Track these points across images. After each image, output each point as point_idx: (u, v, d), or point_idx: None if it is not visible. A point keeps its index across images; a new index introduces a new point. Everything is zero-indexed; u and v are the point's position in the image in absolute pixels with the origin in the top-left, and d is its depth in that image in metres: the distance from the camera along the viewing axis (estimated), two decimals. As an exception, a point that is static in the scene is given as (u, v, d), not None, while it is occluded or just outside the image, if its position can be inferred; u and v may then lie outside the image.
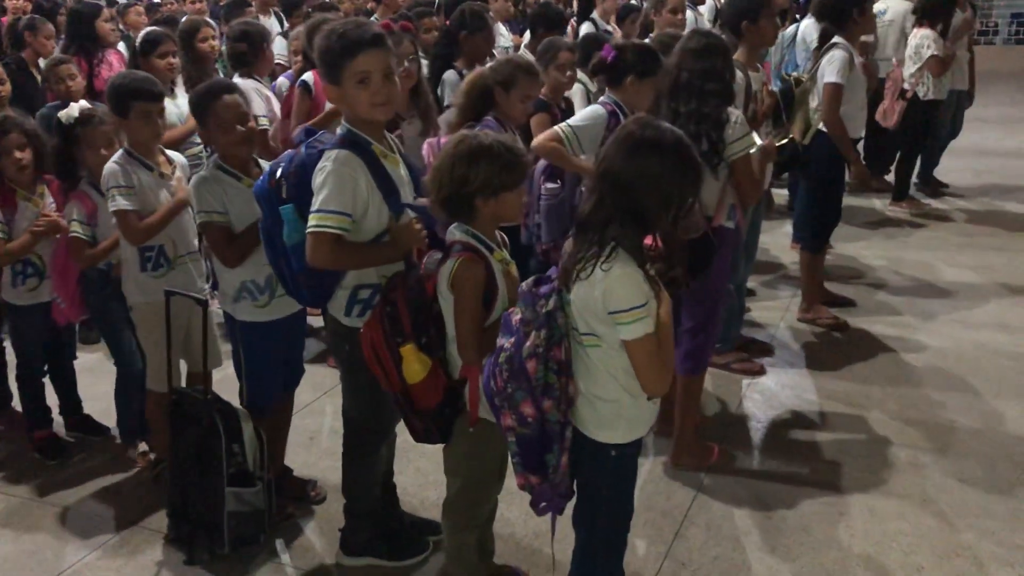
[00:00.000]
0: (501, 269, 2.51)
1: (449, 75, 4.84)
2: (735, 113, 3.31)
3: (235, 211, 3.01)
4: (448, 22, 5.14)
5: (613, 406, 2.30)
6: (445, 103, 4.77)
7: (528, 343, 2.18)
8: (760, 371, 4.42)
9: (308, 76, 4.43)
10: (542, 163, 3.87)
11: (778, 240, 6.32)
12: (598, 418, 2.31)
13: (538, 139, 3.67)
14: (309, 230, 2.49)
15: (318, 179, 2.50)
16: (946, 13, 6.44)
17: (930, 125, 6.89)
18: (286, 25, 7.35)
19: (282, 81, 4.89)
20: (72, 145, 3.49)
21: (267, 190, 2.64)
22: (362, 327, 2.54)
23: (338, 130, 2.64)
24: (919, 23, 6.56)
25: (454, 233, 2.51)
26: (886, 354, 4.60)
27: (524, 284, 2.30)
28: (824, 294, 5.17)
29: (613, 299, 2.15)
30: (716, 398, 4.18)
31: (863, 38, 5.35)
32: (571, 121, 3.67)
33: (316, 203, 2.48)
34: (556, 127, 3.65)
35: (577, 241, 2.25)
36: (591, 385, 2.29)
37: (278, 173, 2.62)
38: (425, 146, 4.13)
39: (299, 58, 4.96)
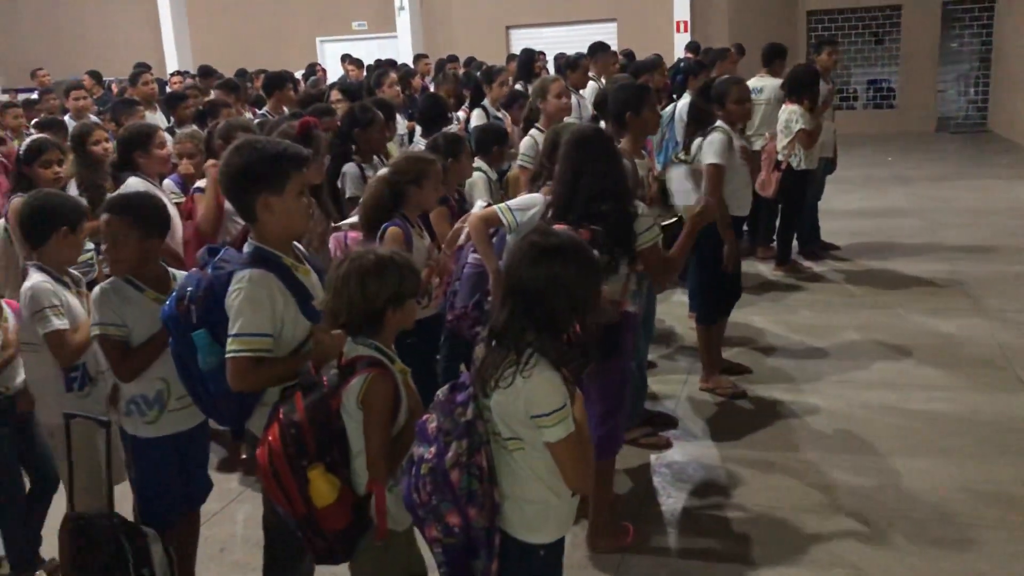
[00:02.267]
0: (402, 380, 2.53)
1: (349, 167, 4.89)
2: (640, 205, 3.44)
3: (134, 324, 2.94)
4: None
5: (540, 507, 2.34)
6: (347, 194, 4.81)
7: (450, 454, 2.20)
8: (667, 444, 4.53)
9: (204, 183, 4.39)
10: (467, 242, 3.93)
11: (672, 310, 6.53)
12: (526, 520, 2.35)
13: (473, 217, 3.70)
14: (229, 355, 2.47)
15: (233, 301, 2.48)
16: (811, 89, 6.88)
17: (805, 193, 7.30)
18: (172, 120, 7.30)
19: (168, 183, 4.79)
20: None
21: (175, 315, 2.60)
22: (257, 451, 2.47)
23: (245, 248, 2.63)
24: (788, 99, 6.99)
25: (355, 348, 2.50)
26: (783, 419, 4.79)
27: (440, 393, 2.33)
28: (722, 362, 5.36)
29: (535, 404, 2.21)
30: (626, 475, 4.26)
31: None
32: (511, 203, 3.67)
33: (234, 327, 2.47)
34: (495, 207, 3.66)
35: (491, 350, 2.30)
36: (517, 488, 2.32)
37: (186, 298, 2.59)
38: (332, 240, 4.16)
39: (183, 160, 4.92)
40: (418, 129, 6.24)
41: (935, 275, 7.15)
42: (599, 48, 8.57)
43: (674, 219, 4.52)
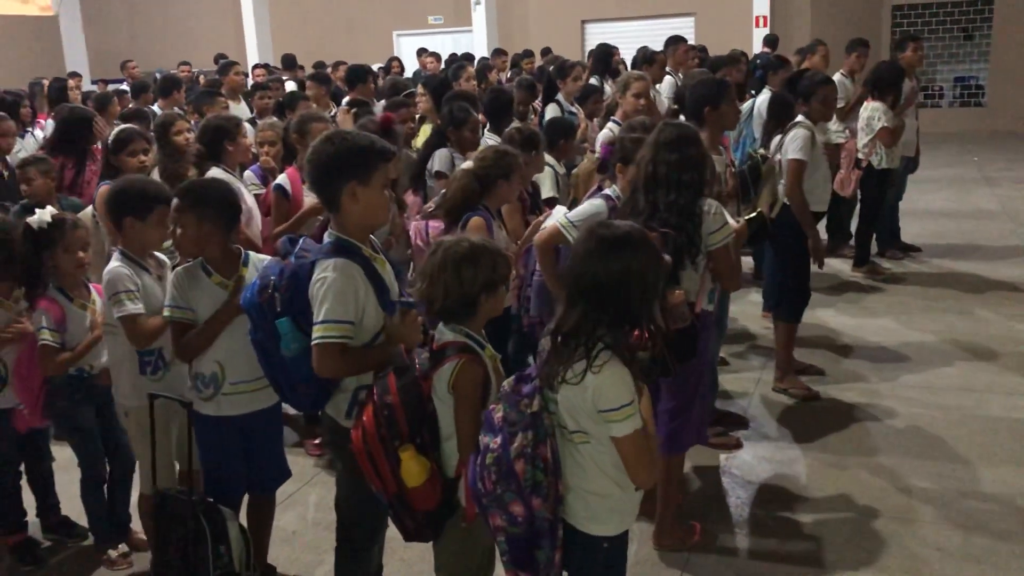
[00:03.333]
0: (492, 366, 2.59)
1: (441, 150, 4.96)
2: (713, 204, 3.40)
3: (199, 307, 3.04)
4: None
5: (605, 500, 2.36)
6: (435, 168, 4.89)
7: (515, 444, 2.22)
8: (737, 445, 4.48)
9: (283, 180, 4.50)
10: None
11: (746, 309, 6.44)
12: (590, 513, 2.36)
13: (539, 239, 3.70)
14: (315, 342, 2.53)
15: (319, 290, 2.54)
16: (894, 86, 6.71)
17: (885, 192, 7.12)
18: (254, 111, 7.46)
19: (248, 175, 4.93)
20: (42, 250, 3.46)
21: (258, 304, 2.66)
22: (352, 430, 2.55)
23: (325, 237, 2.69)
24: (871, 96, 6.82)
25: (446, 334, 2.56)
26: (858, 423, 4.69)
27: (506, 384, 2.36)
28: (795, 363, 5.27)
29: (604, 399, 2.22)
30: (695, 475, 4.22)
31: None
32: (571, 215, 3.64)
33: (320, 314, 2.53)
34: (555, 223, 3.63)
35: (558, 345, 2.31)
36: (582, 481, 2.34)
37: (269, 287, 2.65)
38: (412, 229, 4.22)
39: (265, 149, 5.03)
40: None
41: (1020, 279, 6.90)
42: (674, 41, 8.48)
43: (753, 214, 4.47)
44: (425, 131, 5.86)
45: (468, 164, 4.10)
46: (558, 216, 3.66)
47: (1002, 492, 3.93)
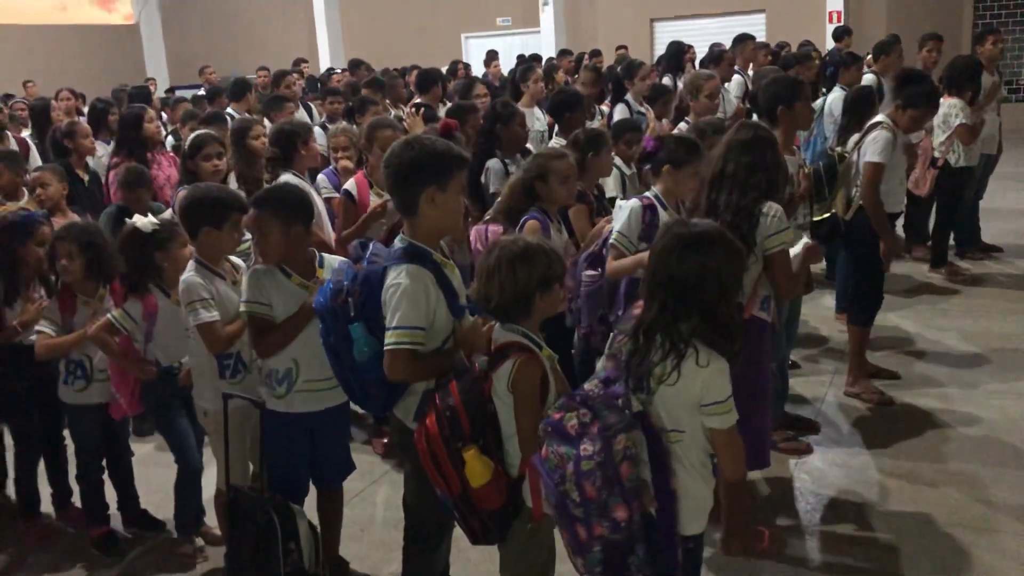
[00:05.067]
0: (549, 366, 2.61)
1: (493, 163, 4.99)
2: (774, 207, 3.36)
3: (278, 305, 3.12)
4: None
5: (695, 499, 2.41)
6: (491, 190, 4.91)
7: (618, 446, 2.23)
8: (807, 450, 4.39)
9: (351, 185, 4.55)
10: (585, 252, 3.96)
11: (818, 311, 6.31)
12: (682, 511, 2.39)
13: (610, 267, 3.72)
14: (388, 347, 2.58)
15: (393, 296, 2.59)
16: (972, 81, 6.50)
17: (963, 191, 6.90)
18: (315, 115, 7.59)
19: (321, 179, 5.01)
20: (153, 250, 3.57)
21: (331, 308, 2.71)
22: (415, 433, 2.59)
23: (397, 243, 2.74)
24: (947, 92, 6.61)
25: (504, 334, 2.59)
26: (935, 429, 4.56)
27: (591, 388, 2.36)
28: (868, 367, 5.15)
29: (712, 391, 2.29)
30: (764, 479, 4.16)
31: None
32: (618, 228, 3.70)
33: (393, 320, 2.58)
34: (613, 242, 3.68)
35: (640, 345, 2.33)
36: (677, 480, 2.37)
37: (343, 292, 2.70)
38: (473, 233, 4.26)
39: (339, 154, 5.12)
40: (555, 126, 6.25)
41: (1108, 281, 6.63)
42: (742, 39, 8.37)
43: (827, 214, 4.39)
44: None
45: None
46: (612, 238, 3.69)
47: (1088, 503, 3.78)
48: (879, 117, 4.82)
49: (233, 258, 3.59)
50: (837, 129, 5.87)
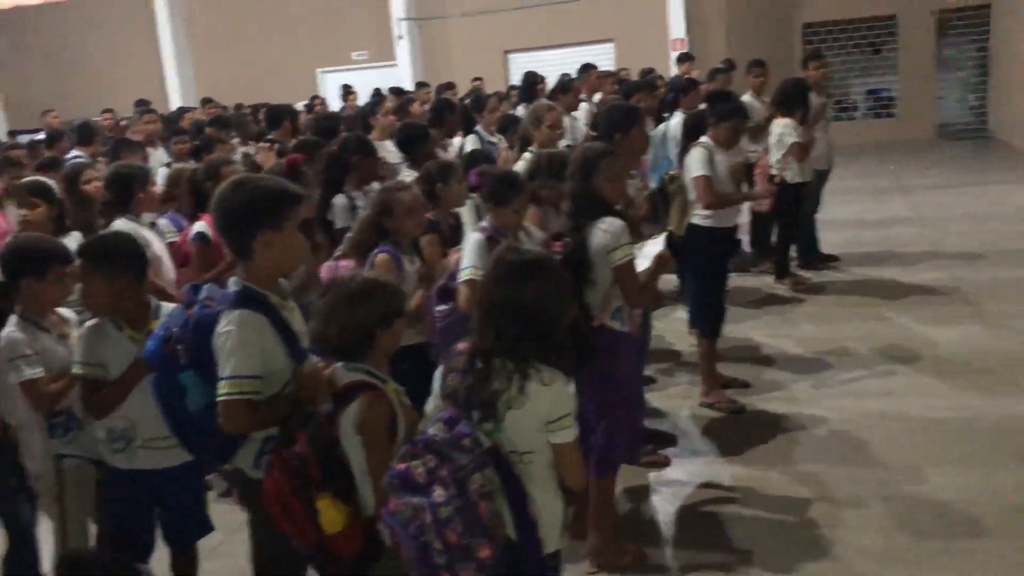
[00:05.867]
0: (397, 400, 2.58)
1: (338, 199, 4.94)
2: (614, 222, 3.50)
3: (111, 363, 2.98)
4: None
5: (552, 516, 2.44)
6: (337, 226, 4.85)
7: (473, 487, 2.21)
8: (666, 462, 4.52)
9: (203, 227, 4.39)
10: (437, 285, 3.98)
11: (672, 326, 6.52)
12: (544, 530, 2.41)
13: (463, 302, 3.73)
14: (221, 398, 2.48)
15: (224, 343, 2.49)
16: (801, 102, 6.91)
17: (800, 206, 7.31)
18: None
19: (164, 222, 4.85)
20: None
21: (161, 356, 2.61)
22: (265, 483, 2.51)
23: (231, 286, 2.64)
24: (780, 113, 7.01)
25: (347, 374, 2.55)
26: (784, 433, 4.78)
27: (433, 432, 2.32)
28: (720, 377, 5.36)
29: (558, 407, 2.34)
30: (625, 494, 4.25)
31: None
32: (470, 263, 3.71)
33: (226, 369, 2.48)
34: (469, 277, 3.68)
35: (478, 372, 2.35)
36: (536, 500, 2.39)
37: (172, 339, 2.61)
38: (325, 270, 4.19)
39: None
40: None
41: (936, 283, 7.13)
42: (586, 69, 8.66)
43: (661, 234, 4.56)
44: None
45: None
46: (463, 273, 3.73)
47: (920, 491, 4.04)
48: (702, 138, 5.09)
49: (62, 310, 3.42)
50: (679, 152, 6.13)
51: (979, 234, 8.56)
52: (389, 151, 6.74)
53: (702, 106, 7.12)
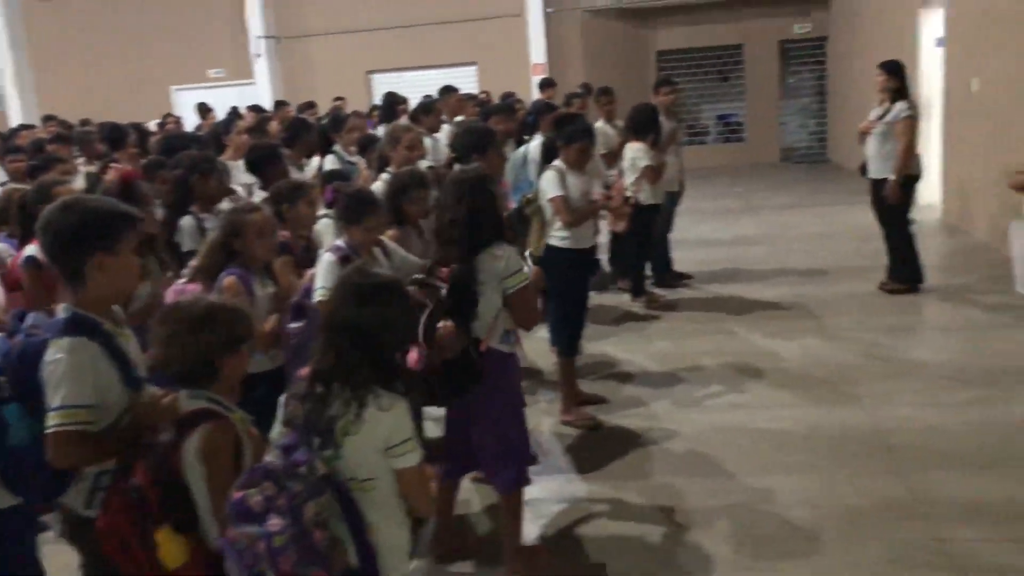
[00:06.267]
0: (242, 428, 2.50)
1: (185, 221, 4.78)
2: (507, 248, 3.53)
3: None
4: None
5: (396, 545, 2.42)
6: (184, 248, 4.68)
7: (308, 515, 2.17)
8: (527, 482, 4.55)
9: (34, 251, 4.13)
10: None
11: (535, 345, 6.58)
12: (387, 561, 2.38)
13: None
14: (50, 430, 2.34)
15: (53, 373, 2.36)
16: (653, 126, 7.17)
17: (653, 226, 7.56)
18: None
19: (2, 247, 4.58)
20: None
21: None
22: (99, 520, 2.38)
23: (60, 313, 2.50)
24: (632, 137, 7.24)
25: (190, 402, 2.45)
26: (640, 448, 4.91)
27: (272, 460, 2.28)
28: (579, 394, 5.46)
29: (398, 433, 2.31)
30: (485, 514, 4.26)
31: None
32: (321, 283, 3.66)
33: (55, 400, 2.34)
34: (320, 299, 3.61)
35: (317, 397, 2.31)
36: (381, 528, 2.37)
37: None
38: (171, 294, 4.02)
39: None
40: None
41: (781, 298, 7.52)
42: (447, 91, 8.72)
43: (523, 253, 4.63)
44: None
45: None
46: (317, 295, 3.67)
47: (766, 500, 4.22)
48: (555, 161, 5.23)
49: None
50: (537, 174, 6.24)
51: (820, 252, 9.09)
52: (242, 171, 6.57)
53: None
